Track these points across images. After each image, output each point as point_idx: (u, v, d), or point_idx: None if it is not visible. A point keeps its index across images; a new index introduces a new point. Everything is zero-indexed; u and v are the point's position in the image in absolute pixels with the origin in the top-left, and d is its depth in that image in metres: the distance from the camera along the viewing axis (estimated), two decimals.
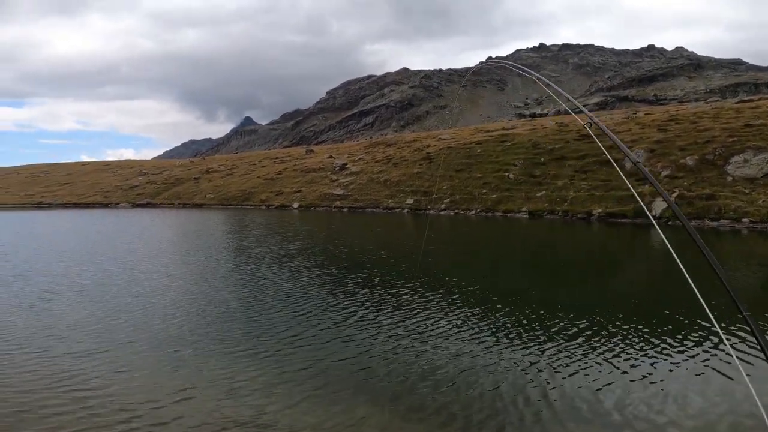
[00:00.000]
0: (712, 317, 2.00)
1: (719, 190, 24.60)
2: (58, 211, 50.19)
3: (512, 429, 5.12)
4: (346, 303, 10.08)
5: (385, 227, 26.88)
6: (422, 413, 5.48)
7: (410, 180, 39.84)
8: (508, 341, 7.65)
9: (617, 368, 6.65)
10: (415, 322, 8.67)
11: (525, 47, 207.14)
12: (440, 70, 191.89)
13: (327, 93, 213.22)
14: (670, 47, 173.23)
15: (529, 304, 9.70)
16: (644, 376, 6.33)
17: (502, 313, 9.19)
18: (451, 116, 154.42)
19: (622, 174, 2.94)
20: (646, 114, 44.49)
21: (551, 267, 15.03)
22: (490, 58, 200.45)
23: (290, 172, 54.84)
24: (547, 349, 7.24)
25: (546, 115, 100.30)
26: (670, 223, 22.77)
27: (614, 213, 25.28)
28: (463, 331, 8.29)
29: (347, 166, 49.98)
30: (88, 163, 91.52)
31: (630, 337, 7.80)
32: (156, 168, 75.46)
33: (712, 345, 7.38)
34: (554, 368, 6.56)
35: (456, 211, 32.26)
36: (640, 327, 8.28)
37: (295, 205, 43.64)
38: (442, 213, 32.72)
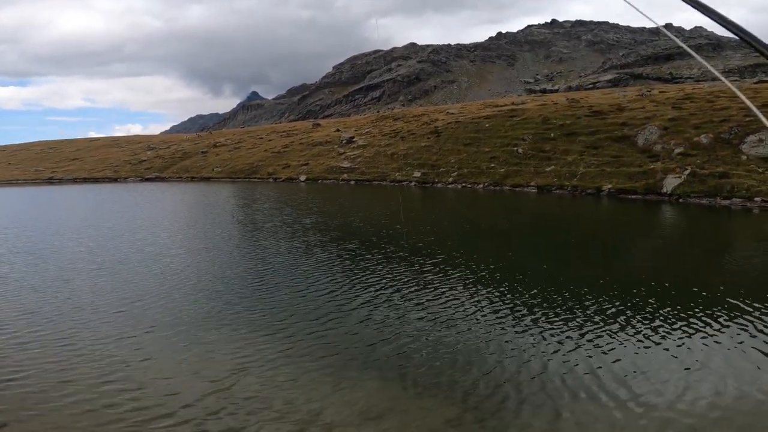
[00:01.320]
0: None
1: (733, 168, 24.17)
2: (69, 186, 50.47)
3: (524, 409, 5.17)
4: (362, 280, 10.04)
5: (396, 200, 26.88)
6: (435, 390, 5.51)
7: (418, 153, 39.54)
8: (524, 320, 7.63)
9: (630, 346, 6.69)
10: (429, 300, 8.64)
11: (536, 23, 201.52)
12: (449, 45, 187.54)
13: (333, 68, 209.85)
14: (688, 27, 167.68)
15: (547, 283, 9.62)
16: (670, 353, 6.36)
17: (518, 291, 9.15)
18: (460, 91, 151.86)
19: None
20: (660, 92, 43.48)
21: (563, 242, 15.00)
22: (500, 33, 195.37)
23: (297, 146, 54.58)
24: (568, 328, 7.25)
25: (556, 91, 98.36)
26: (681, 200, 22.57)
27: (625, 189, 25.02)
28: (473, 306, 8.27)
29: (354, 139, 49.61)
30: (97, 139, 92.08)
31: (644, 314, 7.81)
32: (164, 143, 75.45)
33: (741, 326, 7.38)
34: (562, 345, 6.64)
35: (464, 184, 32.10)
36: (654, 303, 8.27)
37: (302, 177, 43.60)
38: (450, 186, 32.58)
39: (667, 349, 6.41)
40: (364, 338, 7.02)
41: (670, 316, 7.54)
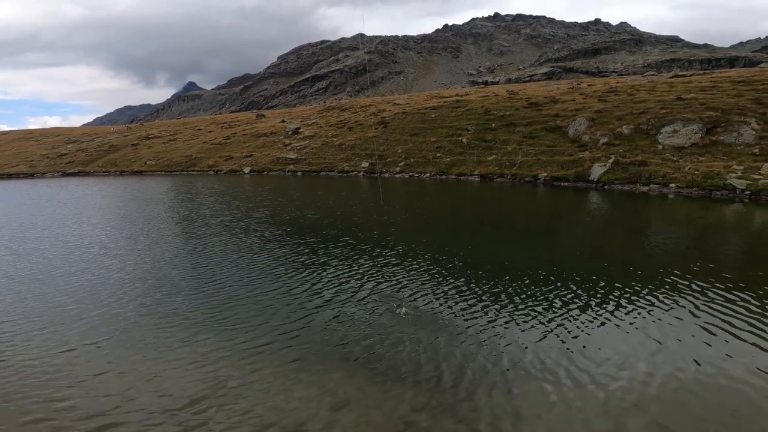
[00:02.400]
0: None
1: (650, 157, 26.44)
2: None
3: (484, 389, 5.47)
4: (321, 274, 10.01)
5: (348, 191, 26.82)
6: (401, 379, 5.68)
7: (365, 144, 39.66)
8: (482, 307, 7.99)
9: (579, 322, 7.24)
10: (390, 291, 8.80)
11: (481, 16, 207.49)
12: (396, 36, 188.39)
13: (278, 58, 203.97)
14: (615, 22, 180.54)
15: (500, 270, 10.04)
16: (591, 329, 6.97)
17: (474, 280, 9.49)
18: (406, 82, 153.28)
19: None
20: (588, 85, 46.55)
21: (509, 229, 15.75)
22: (446, 26, 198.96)
23: (240, 137, 52.72)
24: (523, 311, 7.67)
25: (497, 83, 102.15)
26: (606, 187, 24.50)
27: (558, 177, 26.71)
28: (432, 296, 8.55)
29: (300, 130, 48.76)
30: (8, 132, 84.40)
31: (589, 294, 8.53)
32: (86, 135, 70.24)
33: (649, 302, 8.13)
34: (517, 328, 7.08)
35: (411, 174, 32.75)
36: (596, 283, 9.12)
37: (246, 169, 42.27)
38: (397, 176, 33.09)
39: (618, 326, 7.02)
40: (327, 332, 7.05)
41: (610, 295, 8.27)
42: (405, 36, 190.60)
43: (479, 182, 28.81)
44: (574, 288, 8.66)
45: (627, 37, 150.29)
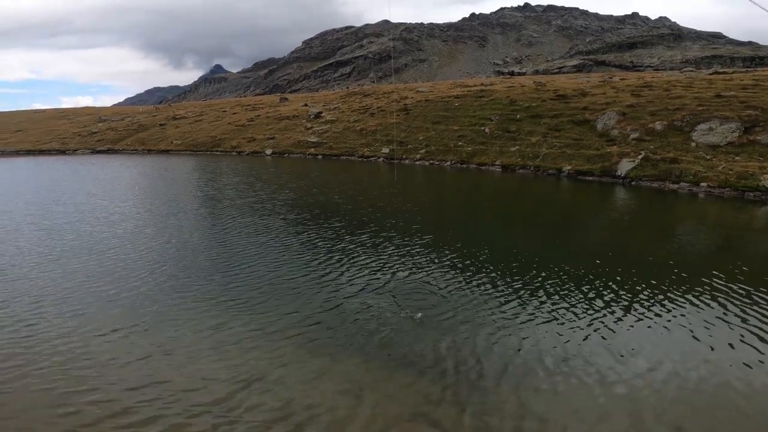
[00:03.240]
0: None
1: (682, 154, 25.45)
2: (11, 159, 46.62)
3: (490, 380, 5.40)
4: (343, 259, 9.99)
5: (369, 177, 26.74)
6: (413, 367, 5.62)
7: (387, 129, 39.42)
8: (498, 299, 7.86)
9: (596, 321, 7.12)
10: (409, 280, 8.70)
11: (509, 5, 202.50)
12: (421, 24, 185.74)
13: (303, 42, 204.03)
14: (654, 16, 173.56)
15: (521, 264, 9.84)
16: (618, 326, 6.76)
17: (493, 271, 9.31)
18: (430, 70, 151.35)
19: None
20: (621, 79, 45.00)
21: (531, 222, 15.40)
22: (473, 14, 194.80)
23: (263, 119, 53.13)
24: (540, 305, 7.52)
25: (524, 74, 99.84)
26: (633, 183, 23.74)
27: (583, 171, 26.02)
28: (449, 286, 8.42)
29: (322, 114, 48.79)
30: (42, 111, 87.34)
31: (608, 292, 8.27)
32: (117, 114, 72.16)
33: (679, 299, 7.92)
34: (534, 322, 6.92)
35: (431, 161, 32.43)
36: (615, 281, 8.86)
37: (268, 151, 42.65)
38: (417, 163, 32.83)
39: (666, 327, 6.78)
40: (359, 323, 7.01)
41: (653, 297, 7.99)
42: (431, 24, 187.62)
43: (501, 173, 28.32)
44: (614, 287, 8.35)
45: (666, 32, 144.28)
